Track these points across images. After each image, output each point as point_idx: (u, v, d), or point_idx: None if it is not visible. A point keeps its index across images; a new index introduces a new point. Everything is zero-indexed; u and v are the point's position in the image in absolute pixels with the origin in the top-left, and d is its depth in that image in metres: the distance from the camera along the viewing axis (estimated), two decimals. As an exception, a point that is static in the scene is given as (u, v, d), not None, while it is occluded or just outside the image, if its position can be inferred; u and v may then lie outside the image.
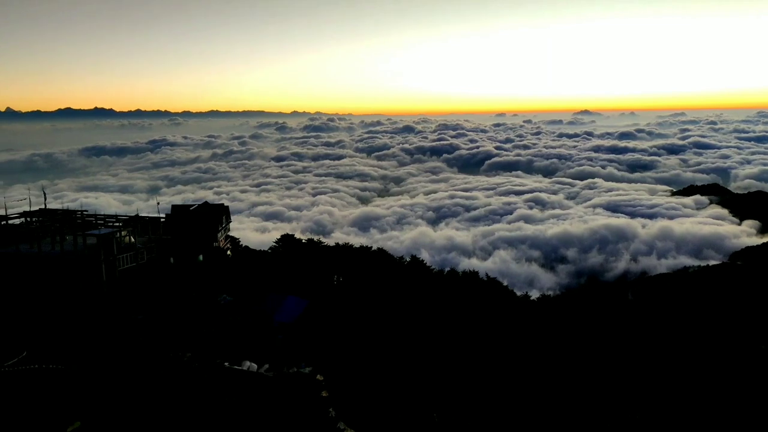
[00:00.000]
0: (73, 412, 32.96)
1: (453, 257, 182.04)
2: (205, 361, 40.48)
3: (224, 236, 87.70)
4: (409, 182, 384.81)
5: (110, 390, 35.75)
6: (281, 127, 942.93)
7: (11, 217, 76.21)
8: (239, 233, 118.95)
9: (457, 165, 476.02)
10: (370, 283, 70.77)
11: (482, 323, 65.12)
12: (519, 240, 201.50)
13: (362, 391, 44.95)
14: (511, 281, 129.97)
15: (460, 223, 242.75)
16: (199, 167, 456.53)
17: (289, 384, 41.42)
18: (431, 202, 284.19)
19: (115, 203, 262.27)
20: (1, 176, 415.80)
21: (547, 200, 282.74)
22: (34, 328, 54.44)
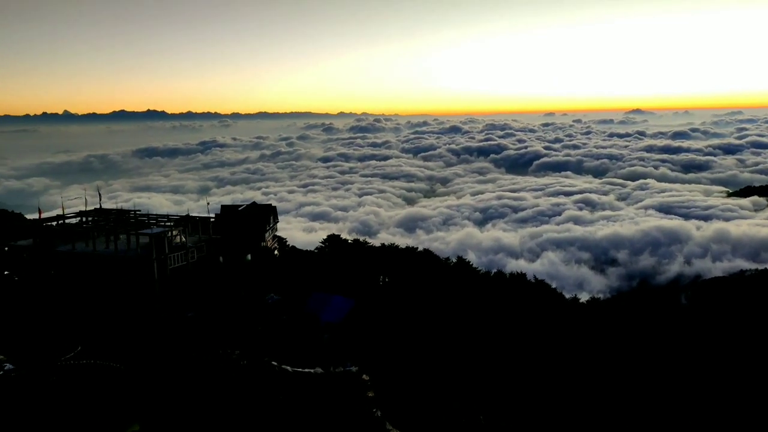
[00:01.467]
0: (130, 412, 33.59)
1: (500, 259, 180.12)
2: (254, 360, 40.85)
3: (272, 236, 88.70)
4: (456, 183, 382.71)
5: (163, 388, 36.36)
6: (328, 128, 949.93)
7: (68, 216, 78.78)
8: (286, 233, 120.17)
9: (505, 165, 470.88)
10: (415, 284, 70.41)
11: (530, 326, 64.04)
12: (568, 241, 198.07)
13: (407, 391, 44.69)
14: (560, 284, 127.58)
15: (508, 224, 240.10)
16: (248, 168, 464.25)
17: (335, 383, 41.47)
18: (478, 202, 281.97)
19: (167, 203, 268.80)
20: (58, 177, 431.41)
21: (598, 201, 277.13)
22: (89, 325, 56.02)
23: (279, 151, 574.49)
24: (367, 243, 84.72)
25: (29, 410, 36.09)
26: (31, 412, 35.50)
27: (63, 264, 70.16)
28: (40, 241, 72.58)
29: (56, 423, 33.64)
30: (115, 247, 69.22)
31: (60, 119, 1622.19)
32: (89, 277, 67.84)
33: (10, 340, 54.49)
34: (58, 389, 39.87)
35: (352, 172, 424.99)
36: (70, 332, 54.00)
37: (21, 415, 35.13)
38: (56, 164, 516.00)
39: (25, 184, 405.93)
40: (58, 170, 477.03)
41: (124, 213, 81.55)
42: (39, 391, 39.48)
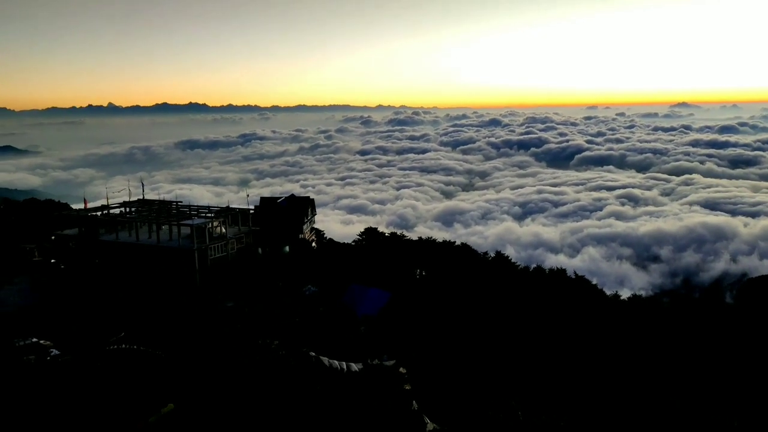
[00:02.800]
0: (167, 395, 34.21)
1: (539, 254, 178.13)
2: (292, 350, 41.13)
3: (310, 228, 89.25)
4: (495, 176, 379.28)
5: (201, 375, 36.91)
6: (366, 121, 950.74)
7: (112, 206, 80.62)
8: (324, 225, 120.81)
9: (546, 159, 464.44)
10: (453, 278, 69.98)
11: (569, 322, 63.06)
12: (609, 237, 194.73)
13: (445, 385, 44.46)
14: (601, 280, 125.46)
15: (548, 218, 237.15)
16: (287, 161, 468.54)
17: (372, 376, 41.45)
18: (518, 197, 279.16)
19: (208, 195, 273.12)
20: (103, 168, 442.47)
21: (641, 196, 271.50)
22: (131, 312, 57.25)
23: (317, 144, 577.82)
24: (404, 236, 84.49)
25: (75, 394, 37.06)
26: (77, 396, 36.45)
27: (107, 253, 71.88)
28: (86, 230, 74.46)
29: (100, 406, 34.46)
30: (157, 237, 70.57)
31: (105, 111, 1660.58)
32: (132, 266, 69.35)
33: (57, 327, 56.09)
34: (102, 374, 40.85)
35: (389, 165, 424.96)
36: (113, 319, 55.31)
37: (67, 398, 36.10)
38: (101, 155, 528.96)
39: (72, 175, 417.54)
40: (102, 161, 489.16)
41: (166, 204, 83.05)
42: (84, 376, 40.50)
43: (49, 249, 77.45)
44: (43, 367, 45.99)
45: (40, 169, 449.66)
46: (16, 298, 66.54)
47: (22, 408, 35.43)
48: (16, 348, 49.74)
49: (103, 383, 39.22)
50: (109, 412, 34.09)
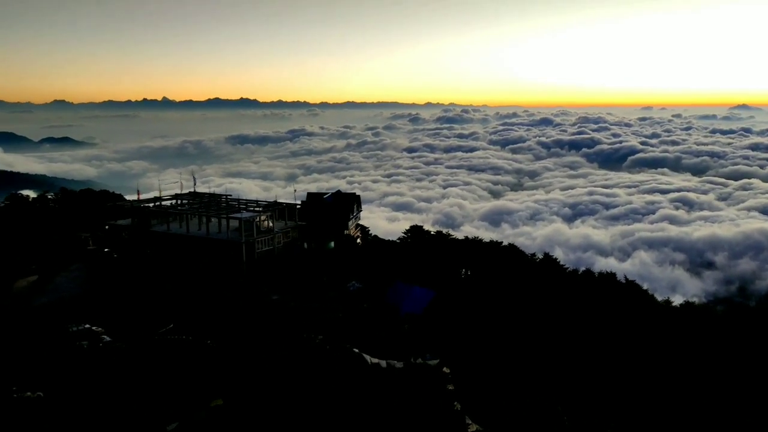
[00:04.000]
0: (216, 388, 34.63)
1: (589, 257, 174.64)
2: (336, 346, 41.19)
3: (355, 225, 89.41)
4: (545, 177, 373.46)
5: (248, 367, 37.25)
6: (414, 119, 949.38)
7: (164, 198, 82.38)
8: (369, 222, 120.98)
9: (598, 160, 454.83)
10: (498, 279, 69.03)
11: (618, 327, 61.45)
12: (661, 242, 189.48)
13: (489, 387, 43.82)
14: (652, 285, 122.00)
15: (598, 221, 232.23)
16: (334, 157, 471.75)
17: (415, 375, 41.14)
18: (568, 198, 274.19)
19: (256, 189, 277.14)
20: (156, 160, 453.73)
21: (696, 200, 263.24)
22: (181, 302, 58.33)
23: (365, 141, 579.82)
24: (450, 235, 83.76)
25: (125, 380, 37.91)
26: (127, 382, 37.26)
27: (158, 243, 73.46)
28: (138, 221, 76.26)
29: (148, 393, 35.15)
30: (206, 229, 71.76)
31: (159, 105, 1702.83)
32: (182, 257, 70.72)
33: (109, 314, 57.60)
34: (151, 362, 41.70)
35: (437, 163, 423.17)
36: (163, 308, 56.47)
37: (117, 383, 36.95)
38: (154, 148, 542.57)
39: (126, 167, 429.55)
40: (155, 154, 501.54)
41: (216, 197, 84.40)
42: (134, 363, 41.42)
43: (103, 238, 79.69)
44: (95, 352, 47.30)
45: (95, 160, 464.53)
46: (71, 285, 68.62)
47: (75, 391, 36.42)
48: (70, 333, 51.30)
49: (153, 371, 40.02)
50: (158, 401, 34.74)
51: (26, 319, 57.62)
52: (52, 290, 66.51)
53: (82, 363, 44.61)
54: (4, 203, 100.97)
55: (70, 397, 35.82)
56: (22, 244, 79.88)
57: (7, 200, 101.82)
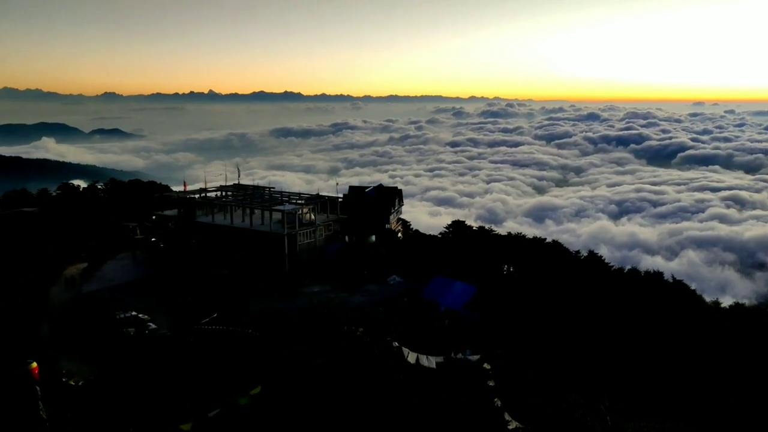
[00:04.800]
0: (256, 376, 34.99)
1: (635, 255, 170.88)
2: (376, 338, 41.14)
3: (396, 219, 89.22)
4: (591, 173, 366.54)
5: (289, 357, 37.52)
6: (458, 113, 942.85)
7: (209, 190, 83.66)
8: (411, 216, 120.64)
9: (646, 156, 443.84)
10: (542, 276, 67.94)
11: (664, 326, 59.81)
12: (711, 241, 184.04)
13: (530, 384, 43.17)
14: (700, 285, 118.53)
15: (645, 219, 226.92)
16: (376, 150, 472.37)
17: (455, 370, 40.78)
18: (614, 194, 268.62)
19: (299, 182, 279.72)
20: (202, 153, 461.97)
21: (748, 199, 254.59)
22: (223, 291, 59.14)
23: (407, 135, 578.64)
24: (492, 231, 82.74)
25: (169, 366, 38.68)
26: (170, 368, 38.01)
27: (203, 234, 74.66)
28: (184, 211, 77.59)
29: (191, 380, 35.77)
30: (250, 220, 72.55)
31: (205, 98, 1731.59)
32: (225, 248, 71.73)
33: (155, 302, 58.83)
34: (194, 350, 42.43)
35: (480, 157, 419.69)
36: (207, 297, 57.38)
37: (161, 370, 37.72)
38: (200, 141, 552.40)
39: (173, 158, 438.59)
40: (201, 146, 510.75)
41: (259, 189, 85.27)
42: (178, 350, 42.21)
43: (149, 228, 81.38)
44: (141, 339, 48.41)
45: (144, 152, 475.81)
46: (118, 273, 70.37)
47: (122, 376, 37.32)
48: (118, 320, 52.58)
49: (196, 359, 40.72)
50: (200, 388, 35.31)
51: (77, 305, 59.34)
52: (100, 278, 68.34)
53: (129, 349, 45.73)
54: (57, 192, 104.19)
55: (118, 381, 36.72)
56: (72, 232, 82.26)
57: (59, 189, 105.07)
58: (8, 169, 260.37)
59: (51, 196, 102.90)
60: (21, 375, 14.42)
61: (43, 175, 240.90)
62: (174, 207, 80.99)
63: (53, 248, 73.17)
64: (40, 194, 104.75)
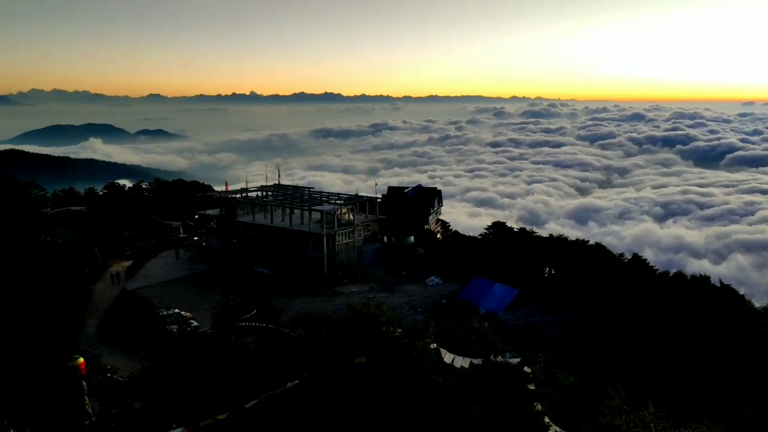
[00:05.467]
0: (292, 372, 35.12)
1: (680, 258, 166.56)
2: (414, 340, 40.91)
3: (435, 219, 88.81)
4: (636, 174, 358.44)
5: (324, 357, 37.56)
6: (499, 113, 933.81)
7: (250, 189, 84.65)
8: (450, 217, 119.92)
9: (693, 158, 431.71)
10: (584, 278, 66.73)
11: (711, 331, 58.05)
12: (761, 245, 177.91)
13: (571, 388, 42.32)
14: (749, 290, 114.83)
15: (691, 221, 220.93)
16: (416, 151, 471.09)
17: (494, 373, 40.23)
18: (659, 196, 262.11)
19: (338, 182, 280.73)
20: (243, 153, 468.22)
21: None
22: (263, 289, 59.67)
23: (447, 135, 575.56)
24: (533, 232, 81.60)
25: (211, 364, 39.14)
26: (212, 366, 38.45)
27: (243, 233, 75.57)
28: (226, 211, 78.68)
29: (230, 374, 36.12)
30: (290, 220, 73.13)
31: (247, 99, 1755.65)
32: (265, 247, 72.45)
33: (196, 300, 59.72)
34: (234, 347, 42.85)
35: (522, 158, 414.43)
36: (246, 296, 57.97)
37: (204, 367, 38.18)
38: (242, 141, 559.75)
39: (215, 159, 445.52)
40: (243, 147, 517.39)
41: (299, 189, 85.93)
42: (218, 348, 42.67)
43: (192, 227, 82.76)
44: (184, 337, 49.16)
45: (187, 152, 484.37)
46: (162, 271, 71.69)
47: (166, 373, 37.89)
48: (161, 317, 53.54)
49: (237, 357, 41.12)
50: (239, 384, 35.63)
51: (122, 302, 60.67)
52: (144, 275, 69.75)
53: (172, 346, 46.47)
54: (103, 191, 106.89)
55: (161, 377, 37.28)
56: (118, 231, 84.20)
57: (106, 189, 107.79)
58: (57, 168, 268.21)
59: (98, 195, 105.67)
60: (68, 370, 14.67)
61: (91, 174, 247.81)
62: (216, 206, 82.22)
63: (99, 246, 74.97)
64: (87, 193, 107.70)
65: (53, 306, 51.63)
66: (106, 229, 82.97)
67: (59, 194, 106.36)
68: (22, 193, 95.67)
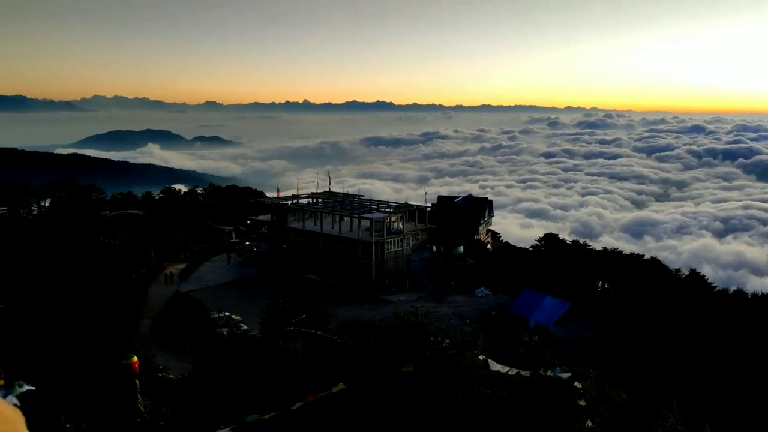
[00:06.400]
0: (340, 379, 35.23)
1: (741, 276, 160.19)
2: (462, 350, 40.51)
3: (486, 230, 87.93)
4: (695, 188, 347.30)
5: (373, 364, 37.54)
6: (553, 123, 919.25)
7: (301, 196, 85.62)
8: (501, 228, 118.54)
9: (756, 172, 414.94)
10: (638, 293, 64.88)
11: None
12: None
13: (623, 405, 41.07)
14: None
15: (753, 237, 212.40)
16: (467, 160, 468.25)
17: (543, 387, 39.42)
18: (719, 211, 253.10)
19: (388, 190, 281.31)
20: (295, 160, 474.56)
21: None
22: (312, 295, 60.08)
23: (500, 145, 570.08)
24: (586, 245, 79.94)
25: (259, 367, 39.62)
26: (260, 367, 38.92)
27: (294, 238, 76.40)
28: (277, 217, 79.74)
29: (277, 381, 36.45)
30: (339, 227, 73.56)
31: (300, 108, 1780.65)
32: (315, 253, 73.03)
33: (246, 304, 60.58)
34: (282, 352, 43.26)
35: (576, 169, 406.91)
36: (295, 301, 58.49)
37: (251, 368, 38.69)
38: (294, 149, 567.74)
39: (268, 166, 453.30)
40: (295, 154, 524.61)
41: (349, 197, 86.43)
42: (267, 351, 43.16)
43: (244, 232, 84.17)
44: (234, 340, 49.93)
45: (241, 158, 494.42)
46: (214, 274, 73.08)
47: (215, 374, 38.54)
48: (212, 320, 54.52)
49: (284, 361, 41.51)
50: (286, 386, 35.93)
51: (175, 304, 62.08)
52: (197, 278, 71.24)
53: (222, 348, 47.26)
54: (160, 195, 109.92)
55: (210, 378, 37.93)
56: (173, 234, 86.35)
57: (162, 193, 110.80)
58: (116, 172, 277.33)
59: (154, 199, 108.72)
60: (123, 368, 15.04)
61: (148, 179, 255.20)
62: (267, 212, 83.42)
63: (155, 248, 76.97)
64: (145, 197, 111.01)
65: (111, 306, 53.18)
66: (162, 232, 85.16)
67: (118, 197, 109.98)
68: (83, 196, 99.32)
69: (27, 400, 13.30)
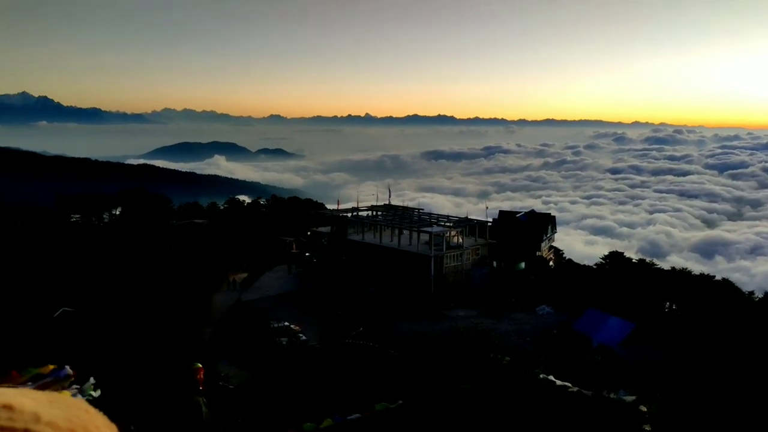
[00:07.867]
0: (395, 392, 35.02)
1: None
2: (523, 368, 39.66)
3: (548, 246, 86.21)
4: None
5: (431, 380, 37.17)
6: (619, 138, 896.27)
7: (361, 209, 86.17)
8: (564, 245, 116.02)
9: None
10: (708, 316, 62.15)
11: None
12: None
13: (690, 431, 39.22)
14: None
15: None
16: (530, 175, 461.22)
17: (607, 409, 38.14)
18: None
19: (448, 204, 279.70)
20: (356, 173, 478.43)
21: None
22: (369, 308, 60.20)
23: (564, 160, 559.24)
24: (654, 264, 77.28)
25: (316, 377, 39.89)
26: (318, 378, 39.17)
27: (353, 251, 76.83)
28: (337, 229, 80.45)
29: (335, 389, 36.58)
30: (398, 240, 73.56)
31: (361, 121, 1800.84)
32: (373, 265, 73.22)
33: (306, 314, 61.25)
34: (339, 363, 43.44)
35: (643, 186, 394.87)
36: (354, 313, 58.76)
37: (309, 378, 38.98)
38: (355, 161, 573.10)
39: (329, 178, 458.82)
40: (356, 167, 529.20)
41: (408, 210, 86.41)
42: (325, 362, 43.45)
43: (304, 243, 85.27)
44: (292, 349, 50.52)
45: (303, 171, 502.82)
46: (275, 284, 74.27)
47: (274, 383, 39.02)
48: (272, 329, 55.32)
49: (341, 372, 41.63)
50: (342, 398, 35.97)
51: (236, 313, 63.36)
52: (258, 288, 72.54)
53: (281, 358, 47.85)
54: (224, 206, 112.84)
55: (269, 387, 38.43)
56: (236, 244, 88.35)
57: (227, 203, 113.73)
58: (183, 183, 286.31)
59: (219, 210, 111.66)
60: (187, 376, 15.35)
61: (214, 189, 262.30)
62: (328, 224, 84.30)
63: (219, 257, 78.87)
64: (210, 207, 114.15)
65: (178, 313, 54.67)
66: (226, 242, 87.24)
67: (184, 207, 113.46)
68: (152, 205, 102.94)
69: (96, 405, 13.72)
